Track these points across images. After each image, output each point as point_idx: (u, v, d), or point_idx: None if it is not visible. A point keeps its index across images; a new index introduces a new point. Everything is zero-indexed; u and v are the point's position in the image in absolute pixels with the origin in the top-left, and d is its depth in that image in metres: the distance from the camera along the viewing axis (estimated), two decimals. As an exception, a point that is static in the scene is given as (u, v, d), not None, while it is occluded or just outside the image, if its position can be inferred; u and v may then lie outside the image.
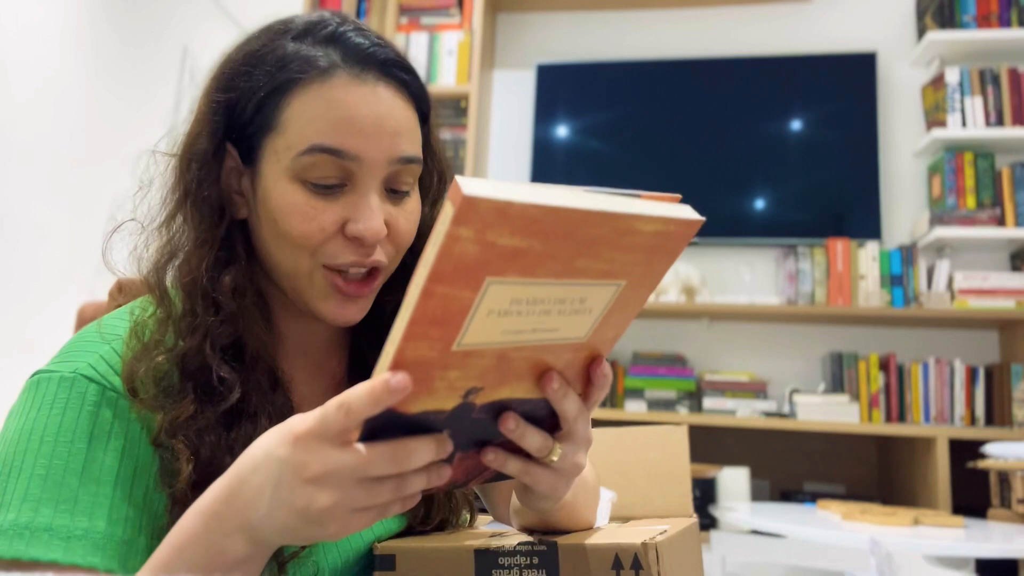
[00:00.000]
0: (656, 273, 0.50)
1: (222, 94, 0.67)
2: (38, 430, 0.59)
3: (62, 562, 0.55)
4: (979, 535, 1.76)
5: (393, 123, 0.65)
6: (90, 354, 0.63)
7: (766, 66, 2.96)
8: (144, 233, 0.69)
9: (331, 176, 0.64)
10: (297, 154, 0.64)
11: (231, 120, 0.67)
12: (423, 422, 0.48)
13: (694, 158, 2.95)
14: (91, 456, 0.59)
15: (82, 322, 0.84)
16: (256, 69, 0.66)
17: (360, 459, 0.46)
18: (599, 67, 3.08)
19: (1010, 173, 2.67)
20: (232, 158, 0.69)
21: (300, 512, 0.47)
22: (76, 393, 0.61)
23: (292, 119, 0.64)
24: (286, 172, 0.64)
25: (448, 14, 3.05)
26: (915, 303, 2.64)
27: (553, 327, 0.48)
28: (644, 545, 0.56)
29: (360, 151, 0.64)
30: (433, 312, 0.42)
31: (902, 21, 2.96)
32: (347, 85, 0.64)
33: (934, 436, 2.41)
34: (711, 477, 2.46)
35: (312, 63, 0.65)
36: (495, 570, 0.58)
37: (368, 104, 0.64)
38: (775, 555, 1.60)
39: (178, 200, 0.68)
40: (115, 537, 0.57)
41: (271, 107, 0.65)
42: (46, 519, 0.55)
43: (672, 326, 2.92)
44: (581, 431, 0.56)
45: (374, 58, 0.66)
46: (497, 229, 0.40)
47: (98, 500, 0.58)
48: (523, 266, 0.42)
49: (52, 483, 0.57)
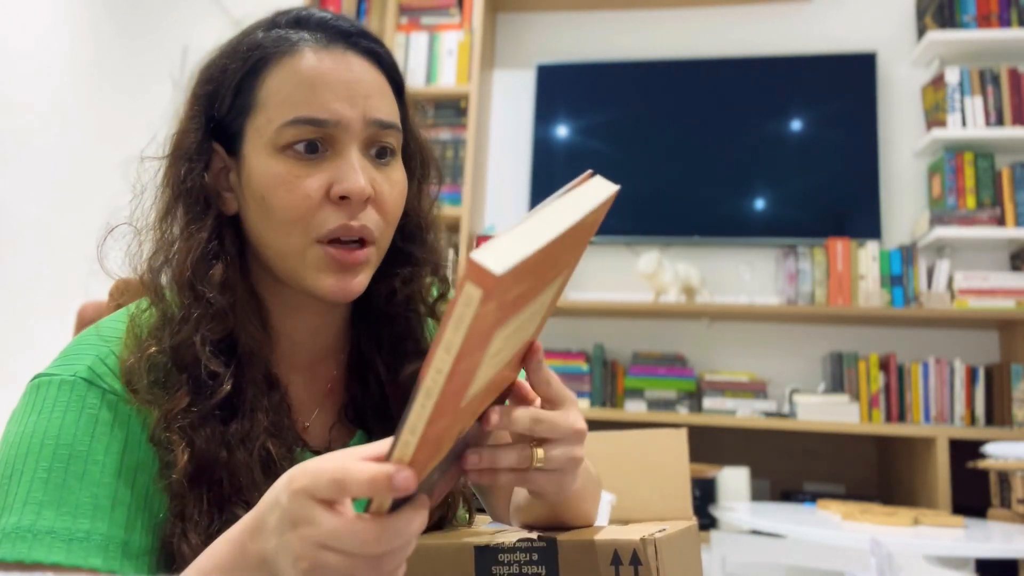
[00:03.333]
0: (584, 244, 0.53)
1: (201, 88, 0.70)
2: (39, 433, 0.59)
3: (64, 564, 0.55)
4: (979, 535, 1.76)
5: (364, 87, 0.68)
6: (89, 357, 0.64)
7: (766, 66, 2.96)
8: (138, 236, 0.70)
9: (312, 141, 0.66)
10: (277, 127, 0.66)
11: (212, 113, 0.70)
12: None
13: (694, 158, 2.95)
14: (92, 458, 0.59)
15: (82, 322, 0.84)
16: (231, 60, 0.69)
17: (343, 529, 0.44)
18: (599, 67, 3.08)
19: (1010, 173, 2.67)
20: (219, 157, 0.70)
21: (293, 561, 0.45)
22: (76, 396, 0.61)
23: (269, 96, 0.67)
24: (268, 147, 0.66)
25: (448, 14, 3.05)
26: (915, 303, 2.64)
27: (522, 335, 0.49)
28: (643, 541, 0.56)
29: (335, 115, 0.66)
30: (454, 388, 0.41)
31: (902, 21, 2.96)
32: (317, 55, 0.67)
33: (934, 436, 2.41)
34: (711, 477, 2.46)
35: (282, 41, 0.68)
36: (495, 567, 0.58)
37: (338, 71, 0.67)
38: (775, 555, 1.60)
39: (167, 199, 0.70)
40: (116, 538, 0.58)
41: (248, 89, 0.68)
42: (48, 522, 0.56)
43: (672, 326, 2.92)
44: (554, 428, 0.55)
45: (339, 29, 0.70)
46: (510, 287, 0.40)
47: (99, 502, 0.58)
48: (518, 304, 0.43)
49: (54, 486, 0.57)
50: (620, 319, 2.94)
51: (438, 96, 2.96)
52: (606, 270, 2.97)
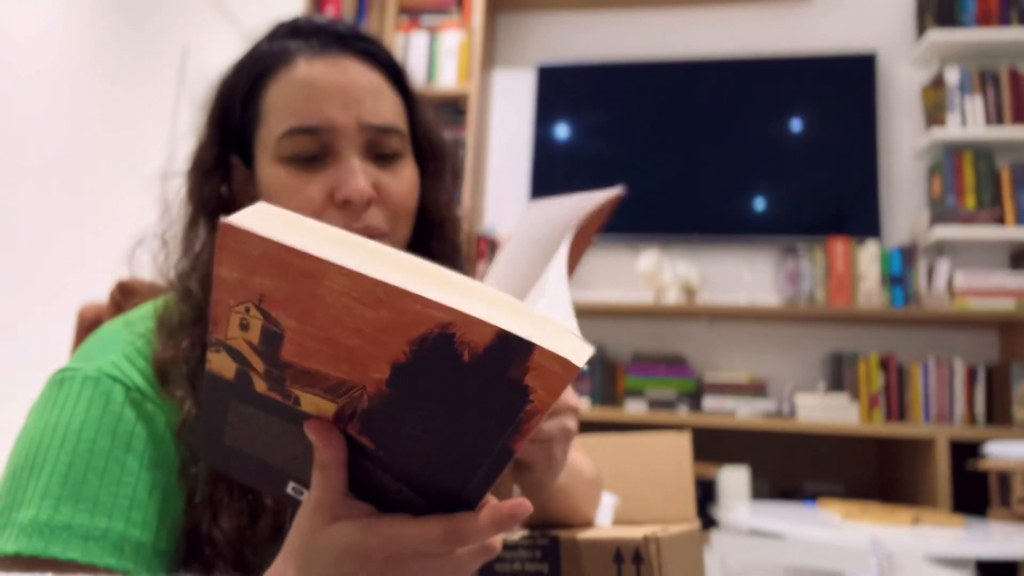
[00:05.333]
0: (587, 245, 0.54)
1: (216, 104, 0.72)
2: (60, 428, 0.59)
3: (80, 561, 0.55)
4: (979, 535, 1.76)
5: (358, 90, 0.68)
6: (115, 353, 0.63)
7: (766, 66, 2.96)
8: (165, 247, 0.72)
9: (310, 150, 0.67)
10: (276, 138, 0.67)
11: (227, 127, 0.72)
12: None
13: (694, 158, 2.95)
14: (113, 456, 0.59)
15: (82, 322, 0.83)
16: (238, 75, 0.71)
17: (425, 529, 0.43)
18: (599, 67, 3.09)
19: (1010, 173, 2.67)
20: (239, 169, 0.72)
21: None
22: (100, 392, 0.60)
23: (270, 108, 0.68)
24: (272, 157, 0.68)
25: (448, 14, 3.05)
26: (915, 303, 2.64)
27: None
28: (645, 539, 0.56)
29: (329, 120, 0.67)
30: None
31: (902, 21, 2.97)
32: (309, 63, 0.68)
33: (934, 436, 2.41)
34: (711, 477, 2.46)
35: (279, 52, 0.70)
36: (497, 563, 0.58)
37: (331, 76, 0.68)
38: (775, 555, 1.60)
39: (191, 212, 0.72)
40: (133, 539, 0.57)
41: (252, 101, 0.70)
42: (65, 518, 0.55)
43: (672, 326, 2.92)
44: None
45: (334, 34, 0.71)
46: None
47: (118, 501, 0.57)
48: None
49: (73, 482, 0.57)
50: (620, 319, 2.94)
51: (438, 96, 2.96)
52: (606, 270, 2.97)
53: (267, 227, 0.35)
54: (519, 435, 0.37)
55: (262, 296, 0.38)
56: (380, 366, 0.38)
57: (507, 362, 0.35)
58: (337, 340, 0.38)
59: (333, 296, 0.36)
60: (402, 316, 0.35)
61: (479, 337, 0.35)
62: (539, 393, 0.35)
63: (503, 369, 0.35)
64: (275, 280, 0.37)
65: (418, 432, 0.39)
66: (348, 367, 0.39)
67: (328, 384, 0.40)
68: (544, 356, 0.34)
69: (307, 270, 0.35)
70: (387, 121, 0.70)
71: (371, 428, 0.41)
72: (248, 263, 0.37)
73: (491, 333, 0.34)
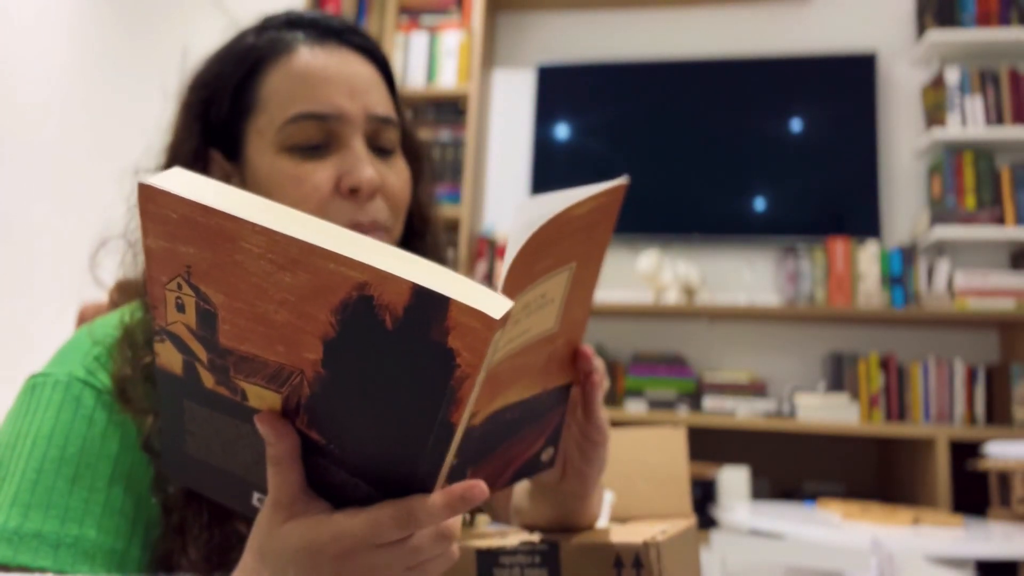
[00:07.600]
0: (599, 243, 0.53)
1: (194, 95, 0.70)
2: (31, 433, 0.57)
3: (51, 570, 0.53)
4: (979, 535, 1.76)
5: (363, 82, 0.68)
6: (85, 357, 0.62)
7: (766, 66, 2.96)
8: (132, 248, 0.69)
9: (315, 138, 0.66)
10: (279, 125, 0.66)
11: (209, 119, 0.69)
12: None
13: (694, 158, 2.95)
14: (84, 461, 0.57)
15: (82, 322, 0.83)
16: (225, 65, 0.70)
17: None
18: (599, 67, 3.08)
19: (1010, 173, 2.67)
20: (218, 164, 0.70)
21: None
22: (71, 397, 0.59)
23: (270, 95, 0.67)
24: (272, 146, 0.66)
25: (448, 14, 3.05)
26: (915, 303, 2.64)
27: (525, 329, 0.48)
28: (645, 544, 0.56)
29: (337, 108, 0.66)
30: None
31: (902, 21, 2.96)
32: (312, 52, 0.68)
33: (934, 436, 2.42)
34: (711, 477, 2.46)
35: (276, 41, 0.69)
36: (496, 569, 0.58)
37: (336, 66, 0.68)
38: (775, 555, 1.60)
39: None
40: (105, 546, 0.56)
41: (247, 90, 0.68)
42: (35, 525, 0.54)
43: (672, 326, 2.92)
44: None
45: (331, 28, 0.70)
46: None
47: (89, 508, 0.56)
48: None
49: (43, 488, 0.55)
50: (620, 319, 2.94)
51: (438, 96, 2.96)
52: (606, 270, 2.97)
53: (185, 188, 0.36)
54: (454, 405, 0.38)
55: (189, 268, 0.39)
56: (312, 343, 0.38)
57: (427, 321, 0.35)
58: (266, 317, 0.38)
59: (252, 261, 0.37)
60: (318, 278, 0.36)
61: (396, 296, 0.35)
62: (464, 355, 0.36)
63: (425, 331, 0.36)
64: (198, 247, 0.37)
65: (359, 417, 0.40)
66: (283, 349, 0.39)
67: (268, 371, 0.41)
68: (461, 311, 0.35)
69: (224, 231, 0.36)
70: (389, 114, 0.70)
71: (317, 419, 0.41)
72: (170, 229, 0.37)
73: (407, 290, 0.35)
